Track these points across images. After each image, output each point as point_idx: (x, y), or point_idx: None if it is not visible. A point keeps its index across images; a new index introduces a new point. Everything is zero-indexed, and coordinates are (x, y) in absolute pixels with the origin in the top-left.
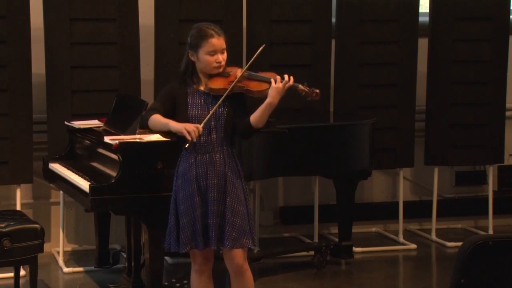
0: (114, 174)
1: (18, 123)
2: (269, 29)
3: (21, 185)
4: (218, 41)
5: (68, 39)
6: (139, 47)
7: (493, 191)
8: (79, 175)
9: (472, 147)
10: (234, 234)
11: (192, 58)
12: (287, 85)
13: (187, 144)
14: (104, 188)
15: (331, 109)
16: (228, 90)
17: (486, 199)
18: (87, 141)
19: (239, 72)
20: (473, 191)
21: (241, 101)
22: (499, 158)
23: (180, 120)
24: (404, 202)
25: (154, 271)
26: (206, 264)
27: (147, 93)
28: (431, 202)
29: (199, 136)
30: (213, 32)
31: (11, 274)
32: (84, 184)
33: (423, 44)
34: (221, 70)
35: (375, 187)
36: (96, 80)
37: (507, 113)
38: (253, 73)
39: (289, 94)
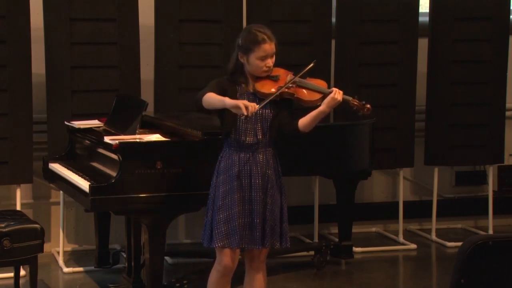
0: (114, 174)
1: (18, 123)
2: (269, 29)
3: (21, 185)
4: (270, 47)
5: (68, 39)
6: (139, 47)
7: (493, 191)
8: (79, 175)
9: (472, 147)
10: (269, 234)
11: (242, 60)
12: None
13: (243, 116)
14: (104, 188)
15: None
16: (275, 95)
17: (486, 199)
18: (87, 141)
19: (288, 77)
20: (473, 191)
21: (288, 104)
22: (499, 158)
23: (227, 117)
24: (404, 202)
25: (154, 271)
26: (231, 267)
27: (147, 93)
28: (431, 202)
29: (245, 136)
30: (265, 37)
31: (11, 274)
32: (84, 184)
33: (423, 44)
34: (269, 73)
35: (375, 187)
36: (96, 80)
37: (507, 113)
38: (305, 80)
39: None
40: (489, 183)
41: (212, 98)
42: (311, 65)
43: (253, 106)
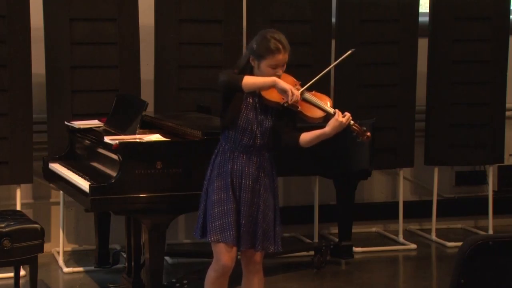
0: (114, 174)
1: (18, 123)
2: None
3: (21, 185)
4: (283, 57)
5: (68, 39)
6: (139, 47)
7: (493, 191)
8: (79, 175)
9: (472, 147)
10: (261, 237)
11: (252, 64)
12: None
13: (285, 103)
14: (104, 188)
15: None
16: (282, 107)
17: (486, 199)
18: (87, 141)
19: (296, 86)
20: (473, 191)
21: (291, 115)
22: (499, 158)
23: (230, 112)
24: (404, 202)
25: (154, 271)
26: (229, 266)
27: (147, 93)
28: (431, 202)
29: (243, 135)
30: (280, 47)
31: (11, 274)
32: (84, 184)
33: (423, 44)
34: None
35: (375, 187)
36: (96, 80)
37: (507, 113)
38: (311, 95)
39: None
40: (489, 183)
41: (258, 79)
42: (349, 52)
43: (297, 96)
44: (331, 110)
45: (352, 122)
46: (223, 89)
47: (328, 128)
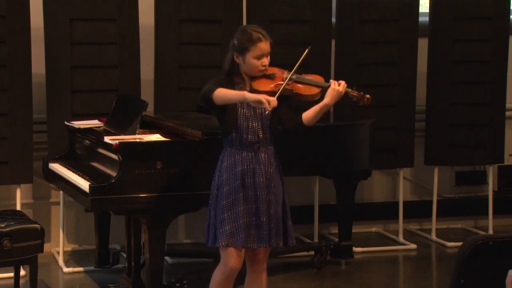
0: (114, 174)
1: (18, 123)
2: (269, 29)
3: (21, 185)
4: (265, 45)
5: (68, 39)
6: (139, 47)
7: (493, 191)
8: (79, 175)
9: (472, 147)
10: (274, 233)
11: (237, 60)
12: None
13: (267, 111)
14: (104, 188)
15: (331, 109)
16: (278, 93)
17: (486, 199)
18: (87, 141)
19: (285, 74)
20: (473, 191)
21: (287, 100)
22: (499, 158)
23: (230, 116)
24: (404, 202)
25: (154, 271)
26: (237, 269)
27: (147, 93)
28: (431, 202)
29: (247, 134)
30: (261, 36)
31: (11, 274)
32: (84, 184)
33: (423, 44)
34: (265, 72)
35: (375, 187)
36: (96, 80)
37: (507, 113)
38: (301, 76)
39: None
40: (489, 183)
41: (228, 93)
42: (306, 51)
43: (274, 101)
44: (325, 84)
45: (349, 90)
46: (202, 103)
47: (327, 98)
